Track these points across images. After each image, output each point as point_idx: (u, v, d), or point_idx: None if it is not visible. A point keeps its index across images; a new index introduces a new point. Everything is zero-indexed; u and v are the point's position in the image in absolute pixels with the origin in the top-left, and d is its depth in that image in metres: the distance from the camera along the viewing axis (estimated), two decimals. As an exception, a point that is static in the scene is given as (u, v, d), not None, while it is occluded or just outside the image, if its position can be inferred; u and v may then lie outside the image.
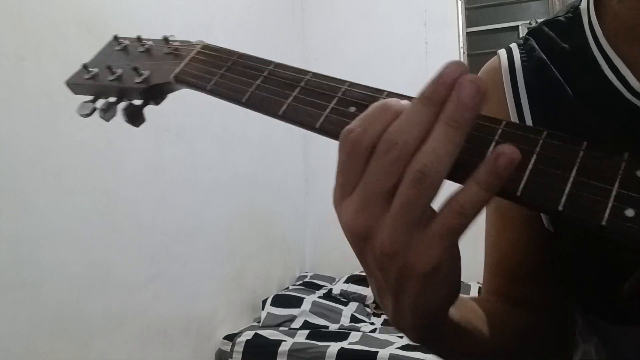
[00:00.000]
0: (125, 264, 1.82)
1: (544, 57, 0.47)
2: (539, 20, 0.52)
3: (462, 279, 0.32)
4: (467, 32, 3.08)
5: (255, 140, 2.62)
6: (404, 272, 0.27)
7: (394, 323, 0.31)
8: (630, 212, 0.23)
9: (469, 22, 3.10)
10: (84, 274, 1.65)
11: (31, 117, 1.49)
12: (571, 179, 0.25)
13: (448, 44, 3.03)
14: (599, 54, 0.43)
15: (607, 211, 0.23)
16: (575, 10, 0.48)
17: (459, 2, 3.05)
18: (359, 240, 0.28)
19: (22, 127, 1.46)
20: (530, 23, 2.97)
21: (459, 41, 3.02)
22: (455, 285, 0.29)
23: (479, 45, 3.11)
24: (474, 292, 2.51)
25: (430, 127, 0.26)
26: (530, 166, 0.26)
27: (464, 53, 3.03)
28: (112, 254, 1.77)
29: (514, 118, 0.47)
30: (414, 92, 0.30)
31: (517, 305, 0.48)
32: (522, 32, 3.00)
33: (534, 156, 0.26)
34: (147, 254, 1.92)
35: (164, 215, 2.02)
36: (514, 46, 0.51)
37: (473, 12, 3.13)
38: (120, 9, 1.84)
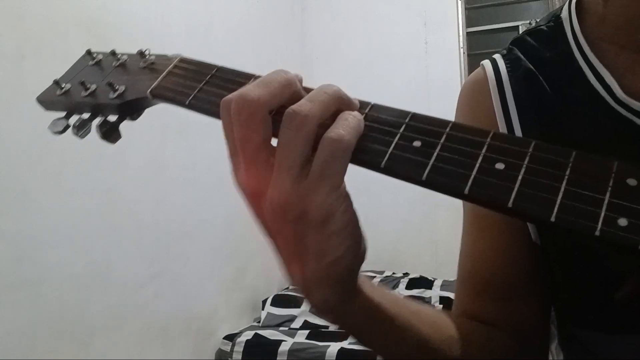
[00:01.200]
0: (126, 263, 1.82)
1: (531, 66, 0.46)
2: (540, 20, 0.52)
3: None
4: (467, 32, 3.08)
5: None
6: (300, 224, 0.28)
7: (304, 293, 0.31)
8: (623, 222, 0.23)
9: (469, 22, 3.10)
10: (84, 273, 1.65)
11: (31, 117, 1.49)
12: (562, 189, 0.25)
13: (448, 44, 3.03)
14: (584, 63, 0.43)
15: (600, 221, 0.23)
16: (557, 20, 0.47)
17: (459, 2, 3.05)
18: (254, 199, 0.30)
19: (22, 127, 1.46)
20: (530, 23, 2.97)
21: (459, 41, 3.03)
22: (355, 245, 0.30)
23: (479, 45, 3.11)
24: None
25: (287, 84, 0.31)
26: (520, 177, 0.26)
27: (464, 53, 3.03)
28: (113, 253, 1.77)
29: (502, 128, 0.46)
30: (414, 91, 0.31)
31: (484, 322, 0.46)
32: (523, 31, 3.00)
33: (523, 167, 0.26)
34: (147, 253, 1.92)
35: (165, 215, 2.02)
36: (497, 57, 0.50)
37: (473, 12, 3.13)
38: (120, 9, 1.84)
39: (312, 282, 0.30)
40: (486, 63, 0.51)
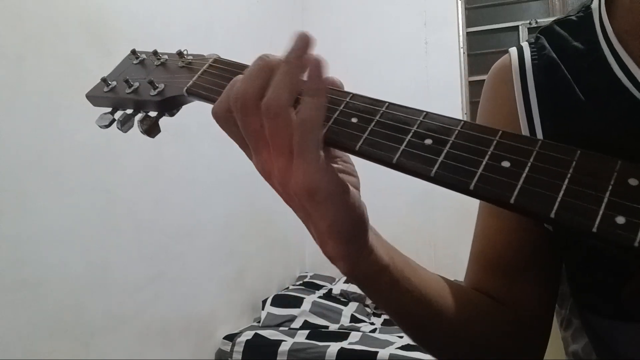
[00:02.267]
0: (125, 264, 1.82)
1: (554, 56, 0.47)
2: (539, 20, 0.52)
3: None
4: (467, 32, 3.08)
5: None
6: (299, 198, 0.32)
7: (320, 246, 0.36)
8: (621, 220, 0.24)
9: (469, 22, 3.10)
10: (84, 273, 1.65)
11: (31, 117, 1.49)
12: (564, 187, 0.26)
13: (448, 44, 3.03)
14: (609, 52, 0.43)
15: (598, 218, 0.24)
16: (586, 10, 0.48)
17: (459, 2, 3.05)
18: (267, 179, 0.36)
19: (22, 127, 1.46)
20: (530, 23, 2.97)
21: (459, 41, 3.02)
22: (347, 208, 0.34)
23: (479, 45, 3.11)
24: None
25: (263, 75, 0.35)
26: (524, 175, 0.27)
27: (464, 53, 3.03)
28: (112, 253, 1.77)
29: (522, 116, 0.47)
30: (414, 91, 0.31)
31: (494, 299, 0.48)
32: (522, 32, 3.00)
33: (528, 166, 0.27)
34: (147, 253, 1.92)
35: (164, 215, 2.02)
36: (525, 45, 0.51)
37: (473, 12, 3.13)
38: (120, 9, 1.84)
39: (323, 238, 0.35)
40: (512, 50, 0.52)
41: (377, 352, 2.02)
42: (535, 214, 0.26)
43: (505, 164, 0.27)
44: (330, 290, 2.71)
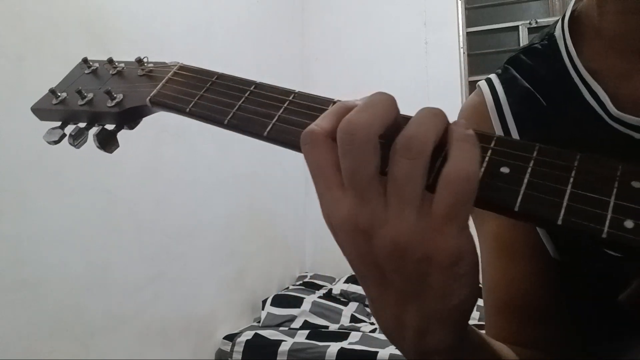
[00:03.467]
0: (125, 264, 1.82)
1: (528, 85, 0.46)
2: (539, 20, 0.52)
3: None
4: (467, 32, 3.08)
5: (255, 140, 2.61)
6: (423, 265, 0.25)
7: (416, 335, 0.28)
8: (629, 224, 0.23)
9: (469, 22, 3.10)
10: (84, 274, 1.65)
11: (31, 117, 1.49)
12: (568, 192, 0.25)
13: (448, 44, 3.03)
14: (578, 80, 0.43)
15: (607, 223, 0.23)
16: (550, 38, 0.47)
17: (459, 2, 3.05)
18: (360, 236, 0.26)
19: (22, 127, 1.46)
20: (530, 23, 2.98)
21: (459, 41, 3.02)
22: (477, 283, 0.28)
23: (479, 45, 3.11)
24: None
25: (392, 108, 0.28)
26: (525, 180, 0.26)
27: (463, 53, 3.03)
28: (112, 254, 1.77)
29: None
30: (414, 91, 0.31)
31: (527, 348, 0.45)
32: (522, 32, 3.00)
33: (529, 171, 0.26)
34: (147, 254, 1.92)
35: (164, 215, 2.02)
36: (494, 77, 0.50)
37: (473, 12, 3.13)
38: (121, 9, 1.84)
39: (434, 323, 0.27)
40: (483, 85, 0.50)
41: (377, 352, 2.02)
42: (542, 220, 0.25)
43: (505, 169, 0.27)
44: (330, 290, 2.71)
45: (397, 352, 2.03)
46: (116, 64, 0.46)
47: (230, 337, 2.24)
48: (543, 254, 0.46)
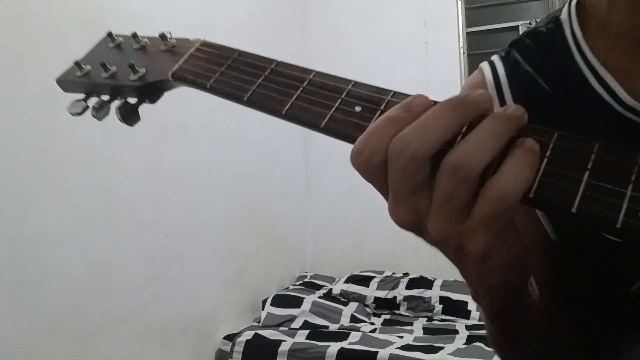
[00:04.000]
0: (125, 264, 1.82)
1: (530, 70, 0.46)
2: (539, 20, 0.51)
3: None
4: (467, 32, 3.07)
5: (255, 140, 2.62)
6: (459, 255, 0.28)
7: (475, 299, 0.33)
8: None
9: (469, 22, 3.10)
10: (84, 274, 1.65)
11: (31, 117, 1.49)
12: (584, 180, 0.25)
13: (448, 44, 3.03)
14: (585, 67, 0.42)
15: (622, 213, 0.23)
16: (556, 21, 0.46)
17: (459, 2, 3.05)
18: (414, 232, 0.30)
19: (22, 127, 1.46)
20: (530, 23, 2.97)
21: (459, 41, 3.02)
22: (519, 268, 0.30)
23: (479, 45, 3.11)
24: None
25: (450, 130, 0.27)
26: (542, 168, 0.26)
27: (464, 53, 3.03)
28: (112, 254, 1.77)
29: None
30: (414, 91, 0.30)
31: None
32: (522, 32, 3.00)
33: (546, 159, 0.26)
34: (147, 254, 1.92)
35: (164, 215, 2.02)
36: (496, 59, 0.49)
37: (473, 12, 3.13)
38: (120, 8, 1.84)
39: (478, 294, 0.32)
40: (484, 66, 0.50)
41: (377, 352, 2.02)
42: (556, 208, 0.25)
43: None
44: (330, 290, 2.71)
45: (397, 352, 2.04)
46: (140, 38, 0.46)
47: (230, 337, 2.24)
48: (541, 231, 0.46)
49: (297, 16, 3.27)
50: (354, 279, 2.75)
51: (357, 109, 0.32)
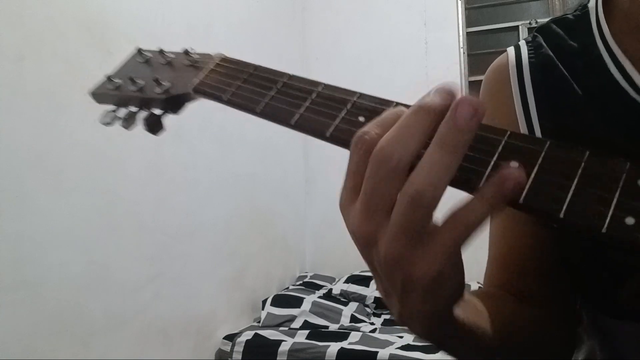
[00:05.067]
0: (126, 264, 1.82)
1: (551, 54, 0.47)
2: (539, 20, 0.52)
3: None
4: (467, 32, 3.08)
5: (255, 140, 2.62)
6: (407, 281, 0.27)
7: (400, 323, 0.32)
8: (630, 220, 0.24)
9: (469, 22, 3.10)
10: (84, 274, 1.65)
11: (31, 117, 1.49)
12: (573, 187, 0.26)
13: (448, 44, 3.03)
14: (605, 52, 0.43)
15: (608, 219, 0.24)
16: (583, 9, 0.48)
17: (459, 2, 3.05)
18: (365, 244, 0.28)
19: (22, 127, 1.46)
20: (530, 23, 2.97)
21: (459, 41, 3.03)
22: (458, 288, 0.30)
23: (479, 45, 3.11)
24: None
25: (425, 139, 0.26)
26: (532, 175, 0.27)
27: (464, 53, 3.03)
28: (112, 254, 1.77)
29: (520, 115, 0.47)
30: (414, 92, 0.30)
31: (522, 300, 0.48)
32: (522, 32, 3.00)
33: (537, 166, 0.27)
34: (147, 254, 1.92)
35: (164, 215, 2.02)
36: (522, 44, 0.51)
37: (473, 12, 3.13)
38: (121, 9, 1.84)
39: (410, 319, 0.30)
40: (510, 49, 0.51)
41: (377, 352, 2.02)
42: (544, 214, 0.26)
43: (514, 164, 0.27)
44: (330, 290, 2.71)
45: (397, 352, 2.04)
46: (167, 54, 0.51)
47: (230, 337, 2.24)
48: (538, 229, 0.47)
49: (297, 16, 3.28)
50: (354, 279, 2.75)
51: (361, 119, 0.33)
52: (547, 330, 0.47)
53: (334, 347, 2.06)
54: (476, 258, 0.65)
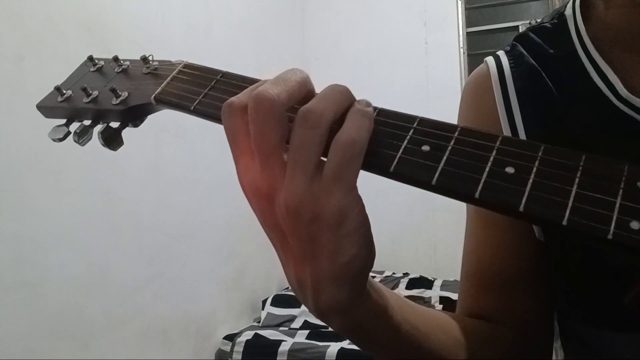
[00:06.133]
0: (125, 264, 1.82)
1: (534, 62, 0.46)
2: (539, 20, 0.52)
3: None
4: (467, 32, 3.08)
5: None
6: (314, 225, 0.28)
7: (313, 294, 0.30)
8: (635, 225, 0.23)
9: (469, 22, 3.10)
10: (84, 274, 1.65)
11: (31, 117, 1.49)
12: (573, 192, 0.25)
13: (448, 44, 3.03)
14: (586, 60, 0.43)
15: (613, 224, 0.23)
16: (560, 17, 0.48)
17: (459, 2, 3.05)
18: (264, 200, 0.29)
19: (22, 127, 1.46)
20: (530, 23, 2.97)
21: (459, 41, 3.03)
22: (368, 244, 0.29)
23: (479, 45, 3.11)
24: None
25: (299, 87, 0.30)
26: (531, 181, 0.25)
27: (464, 53, 3.03)
28: (112, 254, 1.77)
29: (505, 124, 0.46)
30: (414, 91, 0.31)
31: (489, 318, 0.46)
32: (527, 28, 3.00)
33: (534, 171, 0.26)
34: (147, 254, 1.92)
35: (164, 216, 2.02)
36: (501, 53, 0.50)
37: (473, 12, 3.14)
38: (121, 9, 1.84)
39: (326, 281, 0.29)
40: (489, 59, 0.51)
41: (377, 352, 2.02)
42: (546, 221, 0.25)
43: (510, 169, 0.26)
44: (330, 290, 2.70)
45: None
46: (121, 62, 0.46)
47: (230, 337, 2.24)
48: (523, 230, 0.46)
49: (297, 16, 3.28)
50: (354, 279, 2.75)
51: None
52: (515, 349, 0.45)
53: (334, 347, 2.06)
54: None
